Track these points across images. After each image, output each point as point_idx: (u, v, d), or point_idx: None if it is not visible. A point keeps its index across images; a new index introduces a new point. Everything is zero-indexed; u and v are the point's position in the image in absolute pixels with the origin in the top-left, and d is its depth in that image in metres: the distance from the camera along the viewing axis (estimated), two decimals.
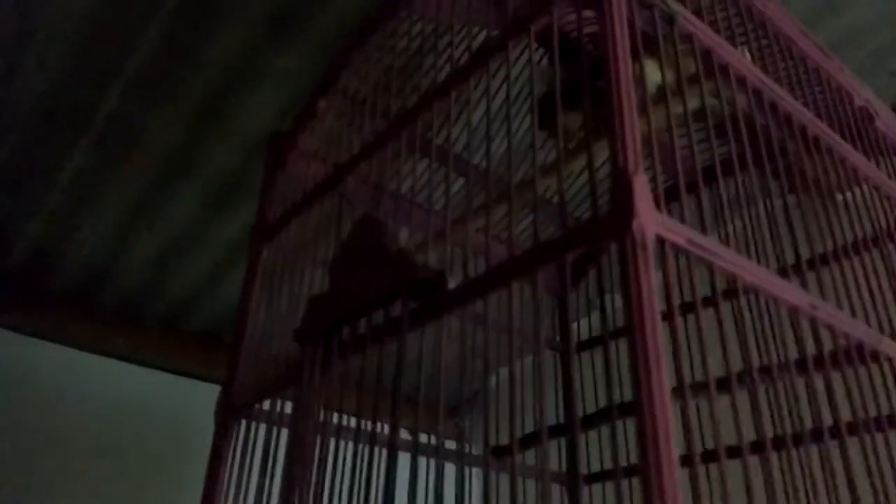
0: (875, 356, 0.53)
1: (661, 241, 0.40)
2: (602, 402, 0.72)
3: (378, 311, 0.53)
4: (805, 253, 0.61)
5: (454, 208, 0.55)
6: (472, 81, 0.56)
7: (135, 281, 1.62)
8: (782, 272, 0.56)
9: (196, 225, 1.51)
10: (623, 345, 0.35)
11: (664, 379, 0.34)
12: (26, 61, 1.14)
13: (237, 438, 0.68)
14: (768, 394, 0.49)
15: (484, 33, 0.63)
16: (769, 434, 0.45)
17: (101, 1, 1.07)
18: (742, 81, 0.56)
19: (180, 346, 1.75)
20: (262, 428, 0.65)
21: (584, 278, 0.99)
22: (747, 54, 0.57)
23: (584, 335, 1.05)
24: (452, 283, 0.50)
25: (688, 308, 0.47)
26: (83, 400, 1.61)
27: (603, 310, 0.44)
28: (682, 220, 0.42)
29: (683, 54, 0.55)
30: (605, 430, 0.80)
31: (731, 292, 0.45)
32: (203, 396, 1.69)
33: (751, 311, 0.58)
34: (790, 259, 0.54)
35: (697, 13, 0.58)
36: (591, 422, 0.85)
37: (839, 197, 0.62)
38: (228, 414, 0.69)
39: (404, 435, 0.50)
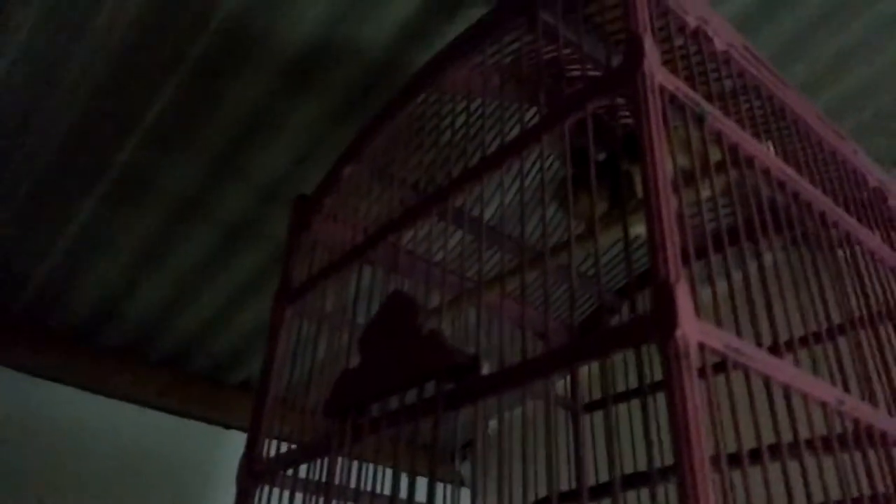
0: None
1: (701, 347, 0.42)
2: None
3: (409, 390, 0.54)
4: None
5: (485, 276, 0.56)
6: (504, 167, 0.58)
7: (137, 323, 1.62)
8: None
9: (204, 269, 1.52)
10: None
11: (707, 482, 0.36)
12: (43, 114, 1.16)
13: None
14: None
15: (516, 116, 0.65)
16: None
17: (121, 56, 1.09)
18: (766, 173, 0.58)
19: (183, 386, 1.75)
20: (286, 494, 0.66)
21: None
22: (771, 148, 0.59)
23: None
24: (486, 368, 0.51)
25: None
26: (87, 440, 1.60)
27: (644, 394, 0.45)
28: (719, 324, 0.43)
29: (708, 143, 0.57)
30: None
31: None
32: (203, 438, 1.69)
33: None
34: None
35: (722, 102, 0.61)
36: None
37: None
38: (251, 478, 0.70)
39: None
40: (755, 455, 0.44)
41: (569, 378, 0.98)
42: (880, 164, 1.58)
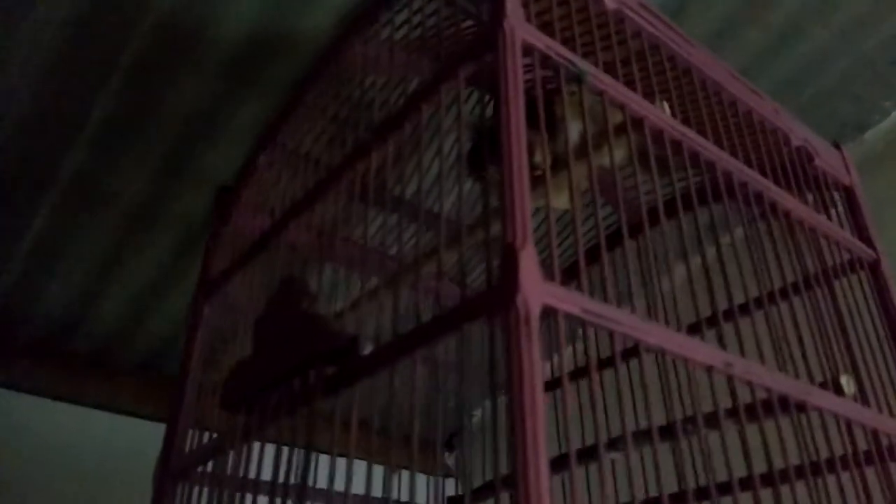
0: (802, 407, 0.52)
1: (552, 312, 0.40)
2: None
3: (295, 377, 0.53)
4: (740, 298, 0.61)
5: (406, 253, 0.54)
6: (407, 127, 0.56)
7: (107, 329, 1.61)
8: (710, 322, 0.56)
9: (168, 272, 1.50)
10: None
11: (543, 455, 0.34)
12: None
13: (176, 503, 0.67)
14: (679, 448, 0.49)
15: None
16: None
17: (57, 58, 1.07)
18: (659, 133, 0.56)
19: (157, 391, 1.73)
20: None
21: None
22: (666, 107, 0.57)
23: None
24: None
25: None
26: (62, 449, 1.59)
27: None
28: (581, 288, 0.42)
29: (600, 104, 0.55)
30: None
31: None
32: None
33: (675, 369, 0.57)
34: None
35: (624, 62, 0.59)
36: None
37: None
38: (167, 478, 0.68)
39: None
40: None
41: None
42: (846, 130, 1.55)
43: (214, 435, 0.63)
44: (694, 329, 0.67)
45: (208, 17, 1.08)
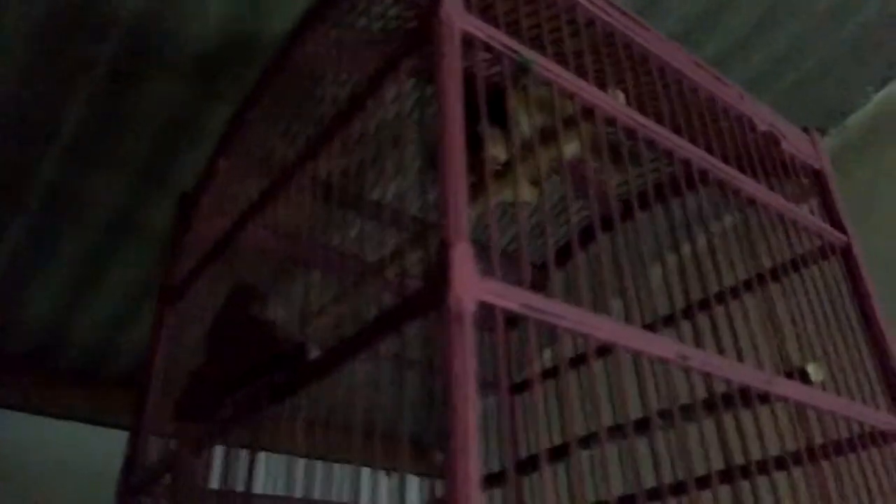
0: (766, 398, 0.51)
1: (489, 308, 0.38)
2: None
3: (245, 385, 0.51)
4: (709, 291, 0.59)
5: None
6: (356, 123, 0.54)
7: (89, 342, 1.59)
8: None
9: (148, 283, 1.49)
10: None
11: (474, 459, 0.32)
12: None
13: None
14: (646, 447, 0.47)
15: None
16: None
17: (27, 68, 1.06)
18: (612, 122, 0.54)
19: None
20: None
21: None
22: (620, 95, 0.56)
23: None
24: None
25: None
26: (48, 464, 1.57)
27: None
28: (522, 283, 0.40)
29: (559, 98, 0.54)
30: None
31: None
32: None
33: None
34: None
35: (579, 54, 0.57)
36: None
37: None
38: (127, 492, 0.67)
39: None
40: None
41: None
42: (828, 115, 1.54)
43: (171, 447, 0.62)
44: (668, 322, 0.66)
45: (179, 21, 1.07)
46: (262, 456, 0.48)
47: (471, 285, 0.36)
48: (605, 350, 0.44)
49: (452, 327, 0.35)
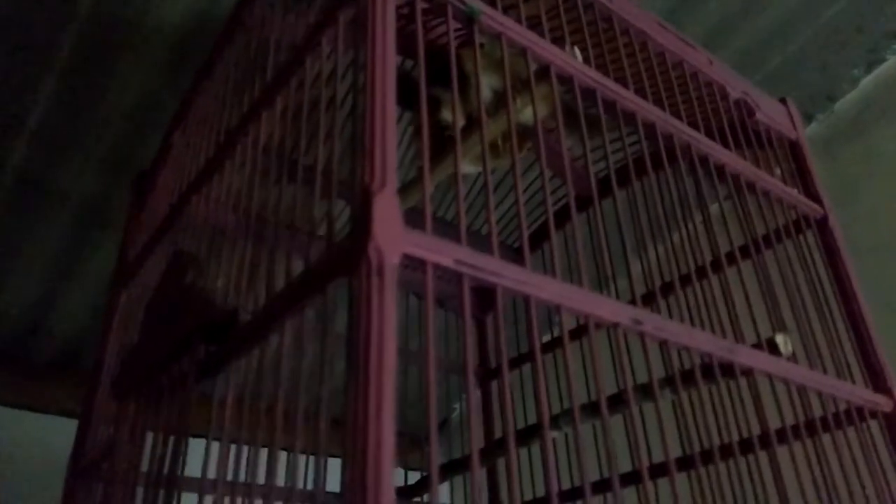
0: (729, 369, 0.48)
1: (421, 263, 0.35)
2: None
3: (179, 358, 0.48)
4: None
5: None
6: (293, 83, 0.51)
7: (68, 334, 1.57)
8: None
9: None
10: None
11: (389, 437, 0.29)
12: None
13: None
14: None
15: None
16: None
17: None
18: (569, 81, 0.51)
19: None
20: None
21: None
22: (578, 53, 0.53)
23: None
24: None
25: None
26: (24, 457, 1.54)
27: None
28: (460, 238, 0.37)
29: (515, 56, 0.51)
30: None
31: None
32: None
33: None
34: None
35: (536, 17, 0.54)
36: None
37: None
38: (75, 476, 0.64)
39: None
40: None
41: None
42: (814, 100, 1.51)
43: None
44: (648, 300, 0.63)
45: (146, 4, 1.04)
46: (192, 441, 0.45)
47: (394, 237, 0.33)
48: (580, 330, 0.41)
49: (371, 281, 0.32)
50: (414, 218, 0.92)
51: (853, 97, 1.51)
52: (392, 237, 0.33)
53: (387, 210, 0.34)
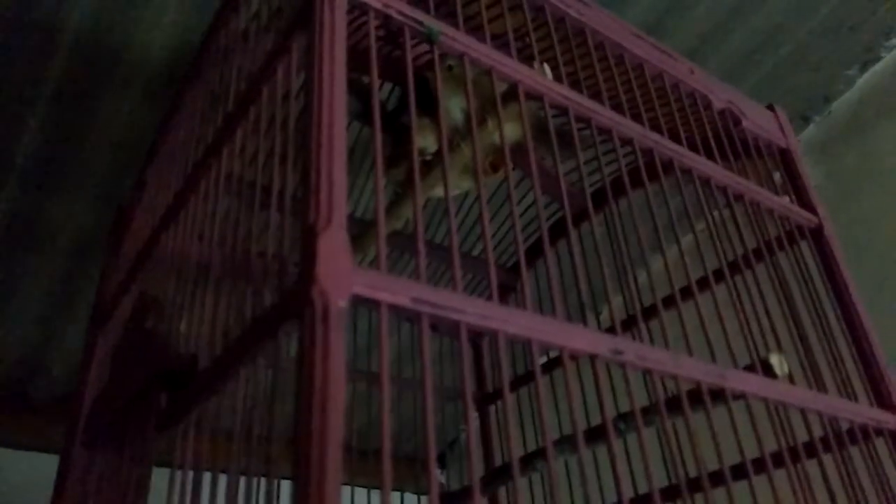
0: (720, 394, 0.45)
1: (375, 304, 0.33)
2: None
3: (141, 405, 0.46)
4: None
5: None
6: (251, 113, 0.49)
7: (69, 372, 1.55)
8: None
9: None
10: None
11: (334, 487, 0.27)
12: None
13: None
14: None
15: None
16: None
17: None
18: (539, 99, 0.49)
19: None
20: None
21: None
22: (548, 70, 0.51)
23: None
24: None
25: None
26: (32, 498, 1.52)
27: None
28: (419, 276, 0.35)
29: (485, 76, 0.49)
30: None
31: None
32: (162, 485, 1.60)
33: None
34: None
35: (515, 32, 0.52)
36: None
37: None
38: None
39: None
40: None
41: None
42: (810, 102, 1.49)
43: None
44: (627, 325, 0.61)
45: (129, 30, 1.03)
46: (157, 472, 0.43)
47: (341, 277, 0.31)
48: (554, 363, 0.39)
49: (314, 328, 0.30)
50: (402, 242, 0.90)
51: (849, 97, 1.48)
52: (339, 278, 0.31)
53: (333, 249, 0.32)
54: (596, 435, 0.46)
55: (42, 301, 1.37)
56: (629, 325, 0.61)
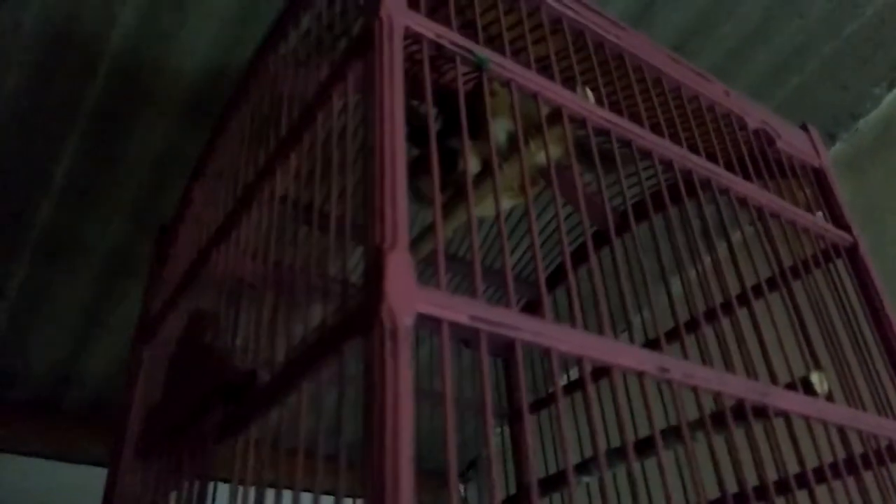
0: (763, 412, 0.46)
1: (435, 322, 0.35)
2: None
3: (199, 419, 0.48)
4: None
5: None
6: (306, 139, 0.51)
7: (100, 383, 1.58)
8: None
9: None
10: None
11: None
12: None
13: None
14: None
15: None
16: None
17: (13, 118, 1.05)
18: (582, 122, 0.51)
19: None
20: None
21: None
22: (590, 94, 0.52)
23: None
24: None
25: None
26: None
27: None
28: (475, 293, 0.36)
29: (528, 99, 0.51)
30: None
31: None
32: None
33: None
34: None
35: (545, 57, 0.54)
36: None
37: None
38: None
39: None
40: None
41: None
42: (837, 119, 1.49)
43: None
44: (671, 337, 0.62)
45: (164, 53, 1.06)
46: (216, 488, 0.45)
47: (408, 296, 0.33)
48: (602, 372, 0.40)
49: (384, 345, 0.31)
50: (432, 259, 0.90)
51: (876, 115, 1.48)
52: (405, 296, 0.33)
53: (399, 269, 0.33)
54: (643, 448, 0.47)
55: (74, 314, 1.40)
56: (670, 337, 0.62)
